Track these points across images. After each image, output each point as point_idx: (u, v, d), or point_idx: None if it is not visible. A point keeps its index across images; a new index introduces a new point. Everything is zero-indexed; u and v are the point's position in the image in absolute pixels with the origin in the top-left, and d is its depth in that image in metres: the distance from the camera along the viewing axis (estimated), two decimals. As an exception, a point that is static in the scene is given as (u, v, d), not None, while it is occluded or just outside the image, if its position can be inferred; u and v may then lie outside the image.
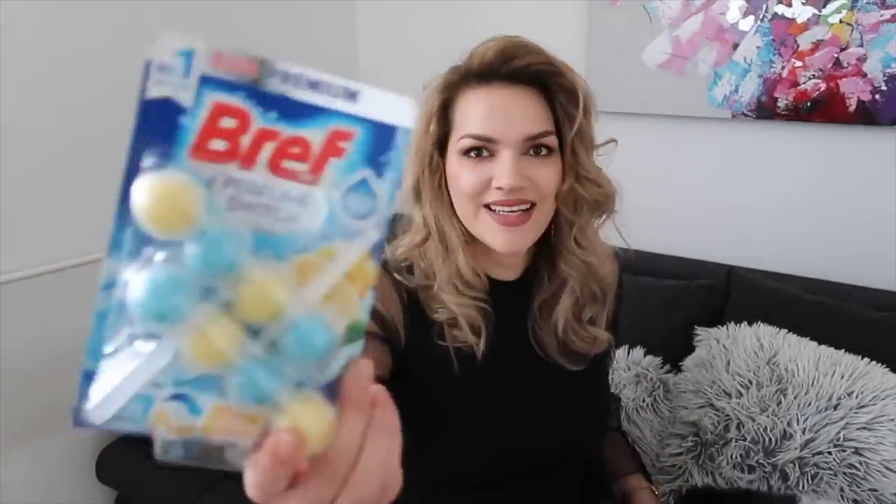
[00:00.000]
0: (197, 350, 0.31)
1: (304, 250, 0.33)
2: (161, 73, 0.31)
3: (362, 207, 0.33)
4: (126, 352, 0.32)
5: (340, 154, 0.33)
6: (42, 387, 1.57)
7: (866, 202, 1.58)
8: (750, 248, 1.72)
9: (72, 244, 1.59)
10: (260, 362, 0.31)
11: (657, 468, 1.36)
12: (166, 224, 0.30)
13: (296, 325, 0.32)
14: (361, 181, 0.33)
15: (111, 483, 1.70)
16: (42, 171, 1.52)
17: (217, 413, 0.32)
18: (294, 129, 0.32)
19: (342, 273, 0.33)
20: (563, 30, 1.86)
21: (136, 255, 0.31)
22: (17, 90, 1.44)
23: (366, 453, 0.33)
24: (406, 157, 0.34)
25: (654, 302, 1.61)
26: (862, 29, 1.48)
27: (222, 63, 0.31)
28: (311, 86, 0.33)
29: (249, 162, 0.32)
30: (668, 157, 1.80)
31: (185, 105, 0.31)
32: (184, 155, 0.31)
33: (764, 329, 1.38)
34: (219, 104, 0.31)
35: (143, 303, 0.30)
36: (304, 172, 0.33)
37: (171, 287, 0.30)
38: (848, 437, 1.20)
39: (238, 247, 0.31)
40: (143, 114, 0.31)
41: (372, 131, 0.33)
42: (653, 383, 1.49)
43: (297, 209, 0.33)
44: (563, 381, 0.89)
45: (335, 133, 0.33)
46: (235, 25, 1.88)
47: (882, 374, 1.26)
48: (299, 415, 0.32)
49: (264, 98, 0.32)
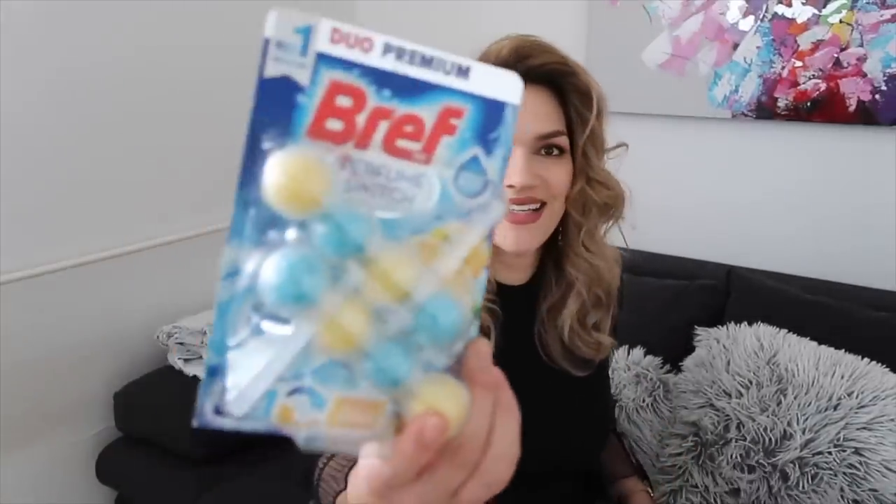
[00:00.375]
0: (330, 335, 0.30)
1: (419, 231, 0.32)
2: (279, 51, 0.30)
3: (474, 186, 0.33)
4: (254, 342, 0.30)
5: (452, 132, 0.33)
6: (42, 387, 1.57)
7: (866, 202, 1.58)
8: (750, 248, 1.72)
9: (72, 244, 1.59)
10: (391, 345, 0.31)
11: (657, 468, 1.36)
12: (298, 203, 0.30)
13: (426, 307, 0.31)
14: (472, 159, 0.33)
15: (111, 483, 1.70)
16: (42, 171, 1.52)
17: (340, 405, 0.31)
18: (408, 107, 0.32)
19: (462, 254, 0.32)
20: (563, 30, 1.86)
21: (259, 241, 0.30)
22: (17, 90, 1.44)
23: (496, 435, 0.32)
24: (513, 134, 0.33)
25: (654, 302, 1.61)
26: (862, 29, 1.48)
27: (339, 40, 0.31)
28: (424, 62, 0.32)
29: (365, 141, 0.32)
30: (667, 157, 1.80)
31: (303, 83, 0.31)
32: (302, 135, 0.31)
33: (764, 329, 1.38)
34: (335, 82, 0.31)
35: (278, 286, 0.29)
36: (417, 151, 0.32)
37: (305, 268, 0.29)
38: (848, 437, 1.20)
39: (366, 228, 0.31)
40: (261, 92, 0.31)
41: (482, 108, 0.33)
42: (653, 383, 1.49)
43: (411, 189, 0.32)
44: (567, 388, 0.88)
45: (447, 110, 0.32)
46: (235, 25, 1.88)
47: (882, 374, 1.26)
48: (436, 397, 0.31)
49: (378, 75, 0.31)
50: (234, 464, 1.58)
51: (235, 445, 1.63)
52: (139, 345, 1.75)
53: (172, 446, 1.59)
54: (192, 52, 1.78)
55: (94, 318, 1.65)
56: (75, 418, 1.66)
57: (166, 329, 1.71)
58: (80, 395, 1.65)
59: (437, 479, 0.31)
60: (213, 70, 1.84)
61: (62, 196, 1.56)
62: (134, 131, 1.68)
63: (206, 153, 1.86)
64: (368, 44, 0.31)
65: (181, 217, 1.82)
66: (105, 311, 1.68)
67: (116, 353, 1.72)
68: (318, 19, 0.31)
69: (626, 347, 1.54)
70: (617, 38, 1.76)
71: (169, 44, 1.73)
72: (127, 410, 1.66)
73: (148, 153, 1.72)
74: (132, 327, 1.74)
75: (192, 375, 1.65)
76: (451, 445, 0.31)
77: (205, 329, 1.68)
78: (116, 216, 1.67)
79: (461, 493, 0.32)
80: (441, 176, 0.33)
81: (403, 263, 0.31)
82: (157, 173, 1.75)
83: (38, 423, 1.59)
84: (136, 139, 1.69)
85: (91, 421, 1.69)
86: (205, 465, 1.57)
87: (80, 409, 1.67)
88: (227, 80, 1.89)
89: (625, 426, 1.46)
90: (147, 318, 1.75)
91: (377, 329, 0.30)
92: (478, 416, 0.31)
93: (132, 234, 1.71)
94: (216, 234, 1.90)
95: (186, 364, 1.67)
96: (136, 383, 1.68)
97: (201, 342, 1.66)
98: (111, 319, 1.70)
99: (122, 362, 1.73)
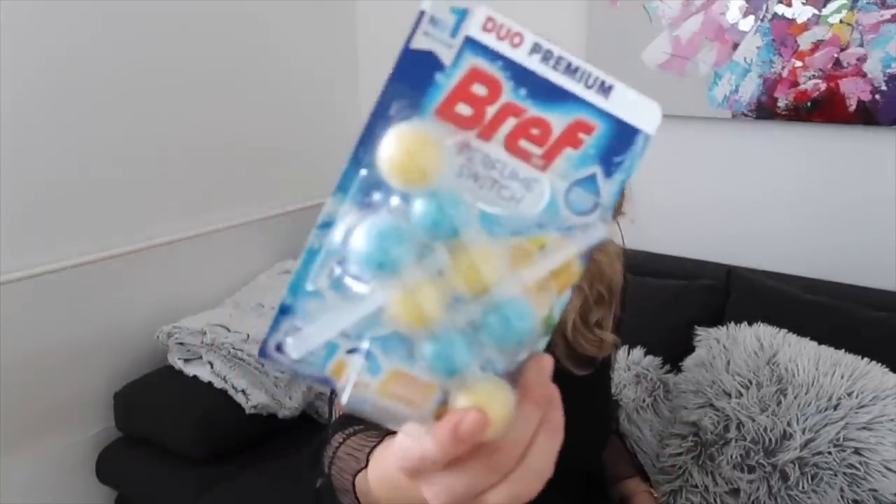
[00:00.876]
0: (403, 307, 0.30)
1: (517, 233, 0.32)
2: (430, 26, 0.31)
3: (584, 204, 0.33)
4: (330, 294, 0.31)
5: (577, 145, 0.32)
6: (42, 387, 1.57)
7: (866, 202, 1.58)
8: (750, 248, 1.72)
9: (72, 244, 1.59)
10: (459, 334, 0.31)
11: (657, 468, 1.36)
12: (406, 175, 0.30)
13: (502, 306, 0.31)
14: (589, 177, 0.33)
15: (111, 483, 1.70)
16: (42, 172, 1.52)
17: (394, 377, 0.31)
18: (540, 110, 0.32)
19: (551, 267, 0.32)
20: (563, 30, 1.86)
21: (361, 201, 0.31)
22: (17, 90, 1.44)
23: (535, 450, 0.32)
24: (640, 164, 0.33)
25: (654, 302, 1.61)
26: (862, 29, 1.48)
27: (491, 29, 0.31)
28: (568, 71, 0.32)
29: (489, 133, 0.32)
30: (667, 157, 1.80)
31: (445, 62, 0.31)
32: (431, 111, 0.31)
33: (764, 329, 1.38)
34: (475, 69, 0.31)
35: (365, 249, 0.30)
36: (537, 156, 0.32)
37: (395, 238, 0.30)
38: (848, 437, 1.20)
39: (466, 214, 0.31)
40: (403, 61, 0.31)
41: (614, 129, 0.33)
42: (653, 383, 1.49)
43: (521, 191, 0.32)
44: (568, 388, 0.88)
45: (578, 123, 0.32)
46: (235, 25, 1.88)
47: (882, 374, 1.26)
48: (485, 396, 0.31)
49: (520, 72, 0.32)
50: (234, 464, 1.58)
51: (235, 445, 1.63)
52: (139, 345, 1.75)
53: (172, 446, 1.59)
54: (192, 53, 1.78)
55: (94, 318, 1.65)
56: (75, 418, 1.66)
57: (166, 329, 1.71)
58: (80, 395, 1.65)
59: (466, 476, 0.31)
60: (213, 70, 1.84)
61: (62, 196, 1.56)
62: (134, 131, 1.68)
63: (206, 153, 1.86)
64: (518, 39, 0.32)
65: (181, 217, 1.82)
66: (105, 311, 1.68)
67: (116, 353, 1.72)
68: (478, 5, 0.31)
69: (626, 347, 1.54)
70: (617, 38, 1.76)
71: (169, 44, 1.73)
72: (127, 410, 1.66)
73: (148, 153, 1.72)
74: (132, 327, 1.74)
75: (193, 375, 1.65)
76: (488, 447, 0.31)
77: (205, 329, 1.67)
78: (116, 216, 1.67)
79: (487, 496, 0.32)
80: (554, 185, 0.32)
81: (492, 259, 0.31)
82: (157, 173, 1.75)
83: (38, 423, 1.59)
84: (136, 139, 1.69)
85: (91, 421, 1.69)
86: (205, 465, 1.57)
87: (80, 409, 1.67)
88: (228, 80, 1.89)
89: (625, 426, 1.46)
90: (147, 318, 1.75)
91: (449, 315, 0.31)
92: (521, 426, 0.31)
93: (132, 234, 1.71)
94: (216, 234, 1.90)
95: (186, 364, 1.67)
96: (136, 383, 1.68)
97: (201, 342, 1.66)
98: (111, 319, 1.70)
99: (122, 362, 1.73)
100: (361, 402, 0.32)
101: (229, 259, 1.96)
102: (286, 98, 2.05)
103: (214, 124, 1.87)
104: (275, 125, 2.02)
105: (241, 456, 1.61)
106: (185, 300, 1.83)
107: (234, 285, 1.96)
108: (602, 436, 0.97)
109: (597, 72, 0.32)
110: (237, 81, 1.92)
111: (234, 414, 1.60)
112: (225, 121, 1.90)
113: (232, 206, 1.95)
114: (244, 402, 1.60)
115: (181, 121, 1.78)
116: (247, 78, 1.94)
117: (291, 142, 2.07)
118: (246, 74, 1.93)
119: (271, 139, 2.02)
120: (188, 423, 1.56)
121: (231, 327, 1.69)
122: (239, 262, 1.98)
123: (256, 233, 2.00)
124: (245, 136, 1.96)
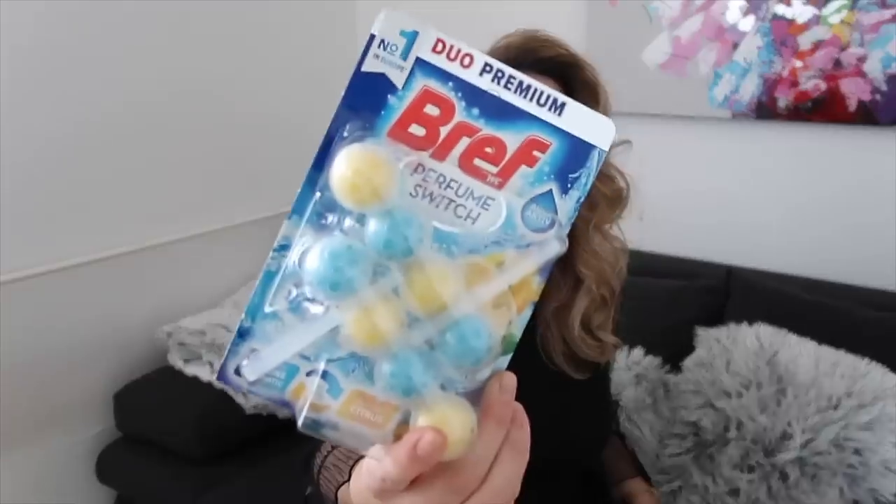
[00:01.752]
0: (357, 327, 0.30)
1: (474, 251, 0.32)
2: (381, 49, 0.31)
3: (541, 221, 0.33)
4: (288, 316, 0.31)
5: (532, 163, 0.33)
6: (42, 387, 1.57)
7: (866, 202, 1.58)
8: (750, 248, 1.72)
9: (72, 244, 1.59)
10: (416, 354, 0.31)
11: (657, 468, 1.36)
12: (359, 196, 0.30)
13: (459, 325, 0.31)
14: (546, 194, 0.33)
15: (111, 483, 1.70)
16: (43, 172, 1.52)
17: (355, 398, 0.32)
18: (493, 129, 0.32)
19: (509, 283, 0.32)
20: (562, 30, 1.85)
21: (316, 223, 0.31)
22: (17, 90, 1.44)
23: (497, 469, 0.32)
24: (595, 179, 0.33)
25: (654, 302, 1.61)
26: (862, 29, 1.48)
27: (442, 51, 0.32)
28: (521, 90, 0.32)
29: (443, 153, 0.32)
30: (668, 157, 1.80)
31: (397, 84, 0.31)
32: (384, 132, 0.32)
33: (764, 329, 1.38)
34: (428, 90, 0.32)
35: (318, 271, 0.30)
36: (492, 174, 0.32)
37: (348, 259, 0.30)
38: (848, 437, 1.20)
39: (420, 233, 0.31)
40: (355, 84, 0.32)
41: (569, 146, 0.33)
42: (653, 383, 1.49)
43: (477, 209, 0.33)
44: (567, 391, 0.88)
45: (532, 141, 0.33)
46: (236, 25, 1.88)
47: (882, 374, 1.26)
48: (445, 416, 0.31)
49: (473, 93, 0.32)
50: (234, 464, 1.58)
51: (235, 445, 1.63)
52: (139, 345, 1.75)
53: (172, 446, 1.59)
54: (192, 53, 1.78)
55: (94, 318, 1.65)
56: (75, 418, 1.66)
57: (166, 329, 1.71)
58: (80, 395, 1.65)
59: (429, 495, 0.31)
60: (214, 70, 1.84)
61: (62, 196, 1.56)
62: (134, 131, 1.68)
63: (206, 154, 1.86)
64: (469, 59, 0.32)
65: (181, 217, 1.82)
66: (105, 311, 1.68)
67: (116, 353, 1.72)
68: (426, 27, 0.32)
69: (627, 347, 1.54)
70: (617, 38, 1.76)
71: (169, 44, 1.73)
72: (127, 410, 1.66)
73: (148, 153, 1.72)
74: (132, 327, 1.74)
75: (193, 376, 1.65)
76: (450, 467, 0.31)
77: (205, 329, 1.67)
78: (116, 216, 1.67)
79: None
80: (510, 203, 0.33)
81: (448, 278, 0.31)
82: (156, 174, 1.75)
83: (38, 424, 1.59)
84: (136, 139, 1.68)
85: (91, 421, 1.69)
86: (205, 465, 1.57)
87: (80, 409, 1.67)
88: (228, 80, 1.89)
89: (625, 426, 1.46)
90: (147, 318, 1.75)
91: (405, 334, 0.31)
92: (483, 446, 0.31)
93: (132, 233, 1.71)
94: (216, 234, 1.90)
95: (186, 364, 1.67)
96: (136, 383, 1.68)
97: (201, 342, 1.66)
98: (111, 319, 1.70)
99: (122, 362, 1.73)
100: (321, 425, 0.32)
101: (229, 259, 1.96)
102: (286, 98, 2.05)
103: (214, 124, 1.87)
104: (275, 125, 2.02)
105: (241, 456, 1.61)
106: (185, 300, 1.83)
107: (234, 285, 1.96)
108: (600, 433, 0.97)
109: (549, 90, 0.33)
110: (237, 82, 1.92)
111: (234, 414, 1.60)
112: (225, 121, 1.90)
113: (232, 206, 1.95)
114: (244, 402, 1.60)
115: (181, 121, 1.78)
116: (247, 78, 1.94)
117: (291, 142, 2.07)
118: (246, 75, 1.93)
119: (271, 139, 2.02)
120: (188, 423, 1.56)
121: (231, 327, 1.69)
122: (239, 262, 1.98)
123: (256, 233, 2.00)
124: (245, 136, 1.96)
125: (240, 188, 1.98)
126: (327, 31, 2.16)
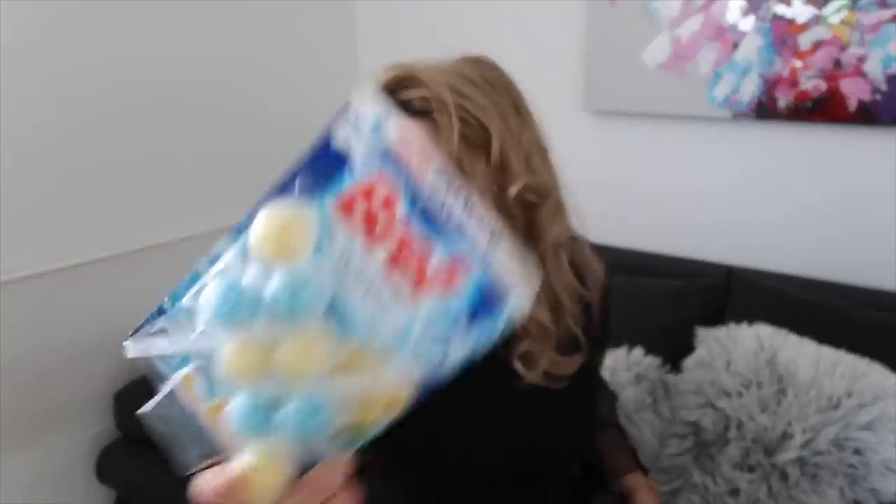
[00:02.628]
0: (228, 359, 0.33)
1: (366, 341, 0.33)
2: (351, 126, 0.32)
3: (431, 360, 0.33)
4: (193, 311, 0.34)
5: (448, 286, 0.32)
6: (42, 387, 1.57)
7: (866, 202, 1.58)
8: (750, 248, 1.72)
9: (72, 244, 1.59)
10: (260, 403, 0.32)
11: (657, 468, 1.36)
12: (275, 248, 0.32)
13: (303, 399, 0.32)
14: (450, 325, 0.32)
15: (111, 484, 1.70)
16: (42, 172, 1.52)
17: (217, 409, 0.34)
18: (427, 234, 0.32)
19: (380, 387, 0.33)
20: (562, 30, 1.86)
21: (244, 250, 0.34)
22: (17, 89, 1.44)
23: None
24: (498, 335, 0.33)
25: (654, 302, 1.61)
26: (862, 29, 1.48)
27: (406, 147, 0.32)
28: (467, 206, 0.33)
29: (373, 245, 0.33)
30: (667, 157, 1.80)
31: (355, 164, 0.32)
32: (328, 204, 0.33)
33: (764, 329, 1.38)
34: (382, 180, 0.32)
35: (212, 300, 0.33)
36: (407, 285, 0.32)
37: (236, 297, 0.32)
38: (848, 437, 1.20)
39: (315, 299, 0.32)
40: (320, 149, 0.33)
41: (488, 283, 0.32)
42: (653, 383, 1.49)
43: (383, 309, 0.33)
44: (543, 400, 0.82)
45: (459, 261, 0.32)
46: (236, 25, 1.88)
47: (882, 374, 1.26)
48: (257, 465, 0.32)
49: (420, 193, 0.32)
50: (234, 464, 1.58)
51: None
52: (139, 345, 1.75)
53: (172, 446, 1.59)
54: (192, 54, 1.78)
55: (94, 318, 1.65)
56: (75, 418, 1.66)
57: (166, 329, 1.70)
58: (80, 395, 1.65)
59: None
60: (213, 71, 1.84)
61: (62, 196, 1.56)
62: (134, 131, 1.68)
63: (205, 154, 1.86)
64: (427, 160, 0.32)
65: (181, 217, 1.82)
66: (105, 311, 1.68)
67: (116, 353, 1.70)
68: (394, 116, 0.32)
69: (627, 347, 1.54)
70: (617, 38, 1.76)
71: (169, 45, 1.73)
72: (127, 410, 1.66)
73: (148, 153, 1.72)
74: (132, 327, 1.73)
75: (192, 375, 1.65)
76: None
77: (205, 329, 1.68)
78: (116, 216, 1.67)
79: None
80: (413, 319, 0.33)
81: (320, 352, 0.32)
82: (156, 174, 1.75)
83: (38, 423, 1.59)
84: (135, 139, 1.69)
85: (91, 421, 1.69)
86: (205, 465, 1.57)
87: (80, 409, 1.67)
88: (228, 81, 1.89)
89: (625, 426, 1.46)
90: (147, 318, 1.75)
91: (260, 383, 0.32)
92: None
93: (132, 234, 1.71)
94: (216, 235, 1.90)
95: (186, 364, 1.67)
96: (136, 383, 1.68)
97: (201, 342, 1.66)
98: (111, 319, 1.69)
99: (122, 362, 1.71)
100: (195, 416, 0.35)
101: (229, 259, 1.95)
102: (286, 98, 2.05)
103: (214, 124, 1.87)
104: (274, 125, 2.02)
105: (241, 456, 1.61)
106: (185, 300, 1.83)
107: (234, 285, 1.96)
108: (589, 432, 0.95)
109: (493, 220, 0.33)
110: (237, 82, 1.92)
111: (234, 414, 1.60)
112: (225, 121, 1.90)
113: (232, 206, 1.94)
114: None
115: (181, 121, 1.78)
116: (246, 78, 1.94)
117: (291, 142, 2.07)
118: (245, 75, 1.93)
119: (271, 139, 2.02)
120: (188, 423, 1.56)
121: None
122: (239, 262, 1.98)
123: (256, 233, 2.00)
124: (245, 137, 1.96)
125: (240, 188, 1.97)
126: (327, 32, 2.16)
